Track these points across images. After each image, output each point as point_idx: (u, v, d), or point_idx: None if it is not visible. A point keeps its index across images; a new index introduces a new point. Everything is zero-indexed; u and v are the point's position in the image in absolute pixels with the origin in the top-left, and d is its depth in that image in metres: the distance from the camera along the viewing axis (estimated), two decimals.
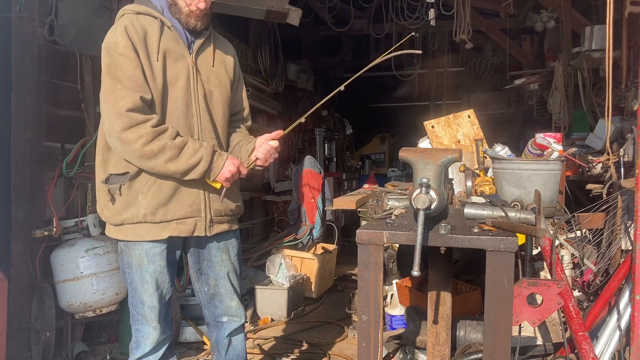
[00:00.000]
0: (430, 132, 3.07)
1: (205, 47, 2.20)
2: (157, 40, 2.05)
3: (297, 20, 4.95)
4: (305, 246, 5.56)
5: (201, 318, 3.77)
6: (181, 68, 2.11)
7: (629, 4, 3.34)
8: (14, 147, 3.35)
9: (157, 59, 2.04)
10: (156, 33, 2.05)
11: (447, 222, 1.58)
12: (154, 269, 2.10)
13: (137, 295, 2.12)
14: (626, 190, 2.88)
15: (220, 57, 2.27)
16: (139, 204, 2.05)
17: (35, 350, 3.28)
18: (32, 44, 3.38)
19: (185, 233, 2.13)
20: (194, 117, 2.13)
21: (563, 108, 5.27)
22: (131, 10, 2.09)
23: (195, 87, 2.14)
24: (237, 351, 2.38)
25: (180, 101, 2.10)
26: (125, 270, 2.15)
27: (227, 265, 2.29)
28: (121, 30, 2.00)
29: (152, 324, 2.13)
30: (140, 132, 1.94)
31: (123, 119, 1.94)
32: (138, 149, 1.95)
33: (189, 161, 2.01)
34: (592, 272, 3.15)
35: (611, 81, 2.74)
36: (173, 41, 2.10)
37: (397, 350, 2.55)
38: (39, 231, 3.29)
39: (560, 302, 1.63)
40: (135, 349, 2.15)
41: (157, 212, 2.06)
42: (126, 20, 2.03)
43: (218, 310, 2.32)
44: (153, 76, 2.03)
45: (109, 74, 1.98)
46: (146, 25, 2.05)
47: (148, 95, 2.01)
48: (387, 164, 10.59)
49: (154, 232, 2.08)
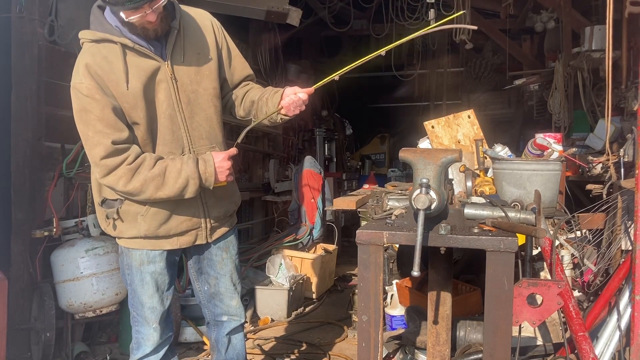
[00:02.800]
0: (430, 132, 3.07)
1: (177, 44, 2.03)
2: (124, 69, 1.91)
3: (297, 21, 4.95)
4: (305, 246, 5.56)
5: (201, 318, 3.78)
6: (158, 82, 1.99)
7: (629, 4, 3.34)
8: (14, 148, 3.35)
9: (127, 87, 1.92)
10: (120, 61, 1.91)
11: (447, 222, 1.58)
12: (154, 270, 2.10)
13: (137, 297, 2.12)
14: (626, 190, 2.88)
15: (196, 45, 2.08)
16: (139, 225, 2.06)
17: (35, 351, 3.28)
18: (32, 44, 3.38)
19: (187, 244, 2.15)
20: (181, 129, 2.05)
21: (563, 108, 5.26)
22: (88, 39, 1.96)
23: (177, 96, 2.02)
24: (236, 350, 2.38)
25: (164, 117, 2.01)
26: (125, 271, 2.15)
27: (228, 264, 2.29)
28: (83, 69, 1.90)
29: (152, 325, 2.13)
30: (117, 174, 1.92)
31: (100, 168, 1.93)
32: (122, 189, 1.95)
33: (176, 185, 1.96)
34: (592, 273, 3.15)
35: (611, 81, 2.74)
36: (141, 59, 1.96)
37: (397, 350, 2.55)
38: (39, 231, 3.29)
39: (560, 303, 1.63)
40: (136, 349, 2.16)
41: (158, 231, 2.07)
42: (87, 57, 1.92)
43: (218, 309, 2.32)
44: (130, 104, 1.94)
45: (80, 119, 1.93)
46: (107, 54, 1.92)
47: (123, 133, 1.93)
48: (387, 164, 10.58)
49: (155, 243, 2.10)
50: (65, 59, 3.63)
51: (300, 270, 4.90)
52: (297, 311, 4.54)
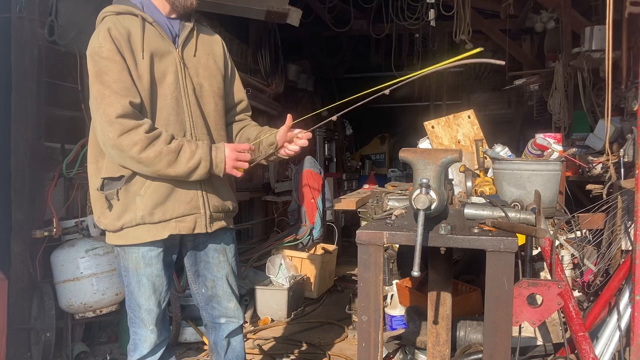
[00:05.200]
0: (430, 132, 3.07)
1: (190, 39, 2.15)
2: (141, 39, 2.01)
3: (297, 21, 4.95)
4: (305, 246, 5.56)
5: (201, 318, 3.80)
6: (168, 64, 2.07)
7: (629, 4, 3.34)
8: (14, 148, 3.35)
9: (143, 56, 2.00)
10: (139, 32, 2.01)
11: (447, 222, 1.58)
12: (151, 272, 2.09)
13: (134, 299, 2.11)
14: (626, 190, 2.88)
15: (207, 48, 2.22)
16: (136, 206, 2.02)
17: (36, 351, 3.28)
18: (32, 44, 3.38)
19: (186, 230, 2.10)
20: (185, 113, 2.09)
21: (563, 108, 5.27)
22: (111, 11, 2.05)
23: (184, 82, 2.09)
24: (236, 352, 2.37)
25: (170, 98, 2.06)
26: (122, 273, 2.13)
27: (225, 267, 2.28)
28: (104, 33, 1.96)
29: (149, 327, 2.12)
30: (134, 139, 1.91)
31: (115, 126, 1.91)
32: (134, 156, 1.93)
33: (188, 164, 1.99)
34: (592, 273, 3.16)
35: (611, 81, 2.74)
36: (157, 37, 2.06)
37: (397, 350, 2.56)
38: (39, 231, 3.29)
39: (560, 303, 1.63)
40: (133, 351, 2.15)
41: (155, 212, 2.03)
42: (108, 23, 1.99)
43: (216, 311, 2.31)
44: (139, 76, 2.00)
45: (96, 80, 1.95)
46: (128, 25, 2.01)
47: (137, 98, 1.97)
48: (387, 165, 10.58)
49: (154, 232, 2.05)
50: (65, 59, 3.64)
51: (300, 270, 4.90)
52: (297, 311, 4.55)
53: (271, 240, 5.65)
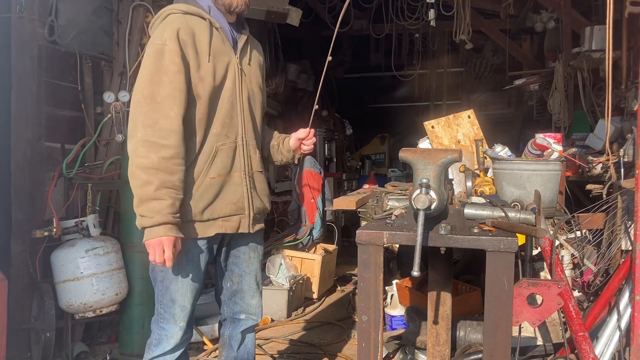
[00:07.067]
0: (430, 132, 3.07)
1: (246, 47, 2.24)
2: (208, 43, 2.05)
3: (297, 21, 4.96)
4: (305, 246, 5.56)
5: (201, 318, 3.79)
6: (228, 69, 2.13)
7: (629, 4, 3.34)
8: (14, 148, 3.35)
9: (209, 60, 2.05)
10: (206, 35, 2.06)
11: (447, 222, 1.58)
12: (192, 268, 2.11)
13: (168, 294, 2.11)
14: (626, 190, 2.88)
15: (256, 57, 2.33)
16: (187, 204, 2.06)
17: (35, 351, 3.28)
18: (32, 44, 3.37)
19: (231, 230, 2.16)
20: (238, 117, 2.16)
21: (563, 108, 5.27)
22: (178, 10, 2.06)
23: (240, 87, 2.17)
24: (247, 348, 2.40)
25: (227, 102, 2.13)
26: (158, 268, 2.11)
27: (255, 263, 2.32)
28: (171, 32, 1.98)
29: (179, 323, 2.12)
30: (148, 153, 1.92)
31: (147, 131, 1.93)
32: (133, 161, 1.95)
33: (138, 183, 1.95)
34: (592, 273, 3.16)
35: (611, 81, 2.73)
36: (221, 42, 2.12)
37: (397, 350, 2.56)
38: (39, 231, 3.28)
39: (560, 303, 1.63)
40: (155, 346, 2.14)
41: (204, 212, 2.09)
42: (177, 22, 2.01)
43: (237, 307, 2.33)
44: (201, 77, 2.04)
45: (150, 79, 1.96)
46: (194, 26, 2.04)
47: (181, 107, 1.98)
48: (387, 165, 10.57)
49: (202, 230, 2.10)
50: (65, 59, 3.64)
51: (300, 270, 4.90)
52: (297, 311, 4.54)
53: (271, 240, 5.64)
